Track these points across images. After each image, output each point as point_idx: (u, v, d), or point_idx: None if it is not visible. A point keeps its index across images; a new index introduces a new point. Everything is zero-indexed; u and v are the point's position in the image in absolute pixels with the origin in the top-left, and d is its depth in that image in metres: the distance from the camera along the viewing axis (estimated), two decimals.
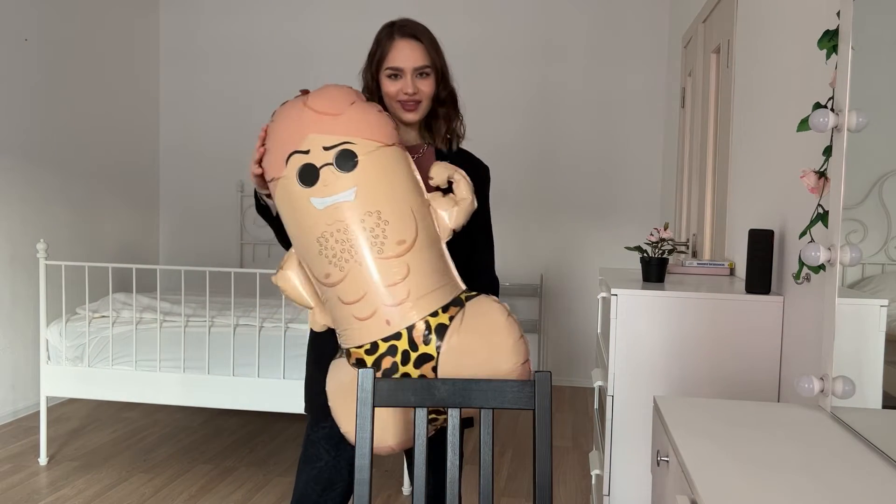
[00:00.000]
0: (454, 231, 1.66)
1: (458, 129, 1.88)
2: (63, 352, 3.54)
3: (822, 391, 1.47)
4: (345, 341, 1.62)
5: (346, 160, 1.55)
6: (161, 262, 5.67)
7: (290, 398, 3.28)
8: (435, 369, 1.56)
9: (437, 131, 1.85)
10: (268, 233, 1.97)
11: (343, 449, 1.84)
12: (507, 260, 5.36)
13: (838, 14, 1.53)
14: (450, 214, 1.64)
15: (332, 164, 1.55)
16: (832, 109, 1.50)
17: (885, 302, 1.39)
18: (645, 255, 2.38)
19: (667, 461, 1.38)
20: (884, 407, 1.34)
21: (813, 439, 1.32)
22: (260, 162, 1.66)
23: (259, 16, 5.51)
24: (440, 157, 1.84)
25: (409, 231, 1.57)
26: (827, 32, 1.57)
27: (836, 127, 1.48)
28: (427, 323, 1.56)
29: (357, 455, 1.42)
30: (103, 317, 3.61)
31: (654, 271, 2.35)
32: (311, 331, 1.80)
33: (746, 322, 2.10)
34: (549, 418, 1.44)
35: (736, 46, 2.90)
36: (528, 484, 3.46)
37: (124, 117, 5.29)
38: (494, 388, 1.46)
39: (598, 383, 2.43)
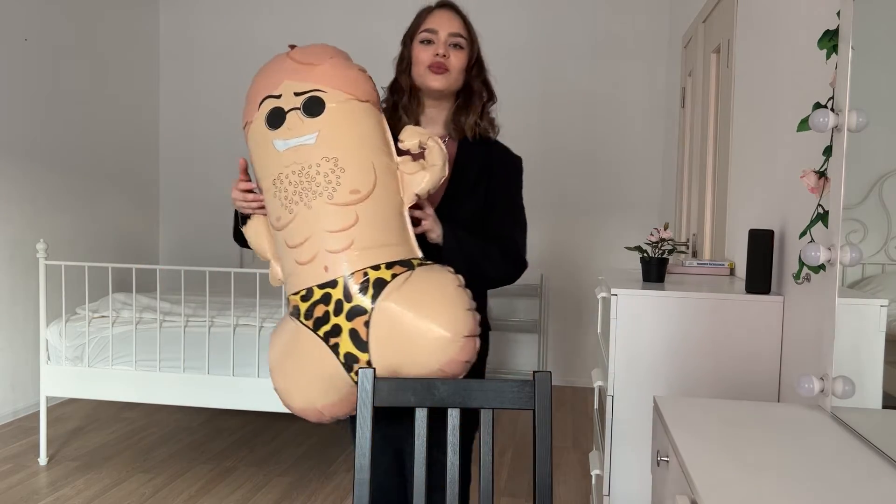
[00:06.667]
0: (419, 196, 1.59)
1: (489, 120, 1.81)
2: (63, 352, 3.54)
3: (822, 391, 1.47)
4: (287, 289, 1.61)
5: (314, 106, 1.56)
6: (161, 262, 5.67)
7: None
8: (367, 324, 1.50)
9: (465, 120, 1.78)
10: None
11: (397, 453, 1.76)
12: None
13: (838, 14, 1.53)
14: (415, 179, 1.58)
15: (299, 108, 1.56)
16: (832, 109, 1.50)
17: (885, 302, 1.39)
18: (645, 255, 2.38)
19: (667, 461, 1.38)
20: (884, 407, 1.35)
21: (813, 439, 1.32)
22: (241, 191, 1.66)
23: (259, 15, 5.51)
24: (466, 148, 1.78)
25: (365, 182, 1.53)
26: (827, 32, 1.57)
27: (836, 127, 1.48)
28: (366, 273, 1.50)
29: (357, 455, 1.42)
30: (103, 317, 3.61)
31: (654, 271, 2.35)
32: None
33: (746, 322, 2.10)
34: (549, 418, 1.43)
35: (736, 46, 2.90)
36: (528, 484, 3.46)
37: (124, 117, 5.29)
38: (495, 388, 1.46)
39: (598, 383, 2.43)
